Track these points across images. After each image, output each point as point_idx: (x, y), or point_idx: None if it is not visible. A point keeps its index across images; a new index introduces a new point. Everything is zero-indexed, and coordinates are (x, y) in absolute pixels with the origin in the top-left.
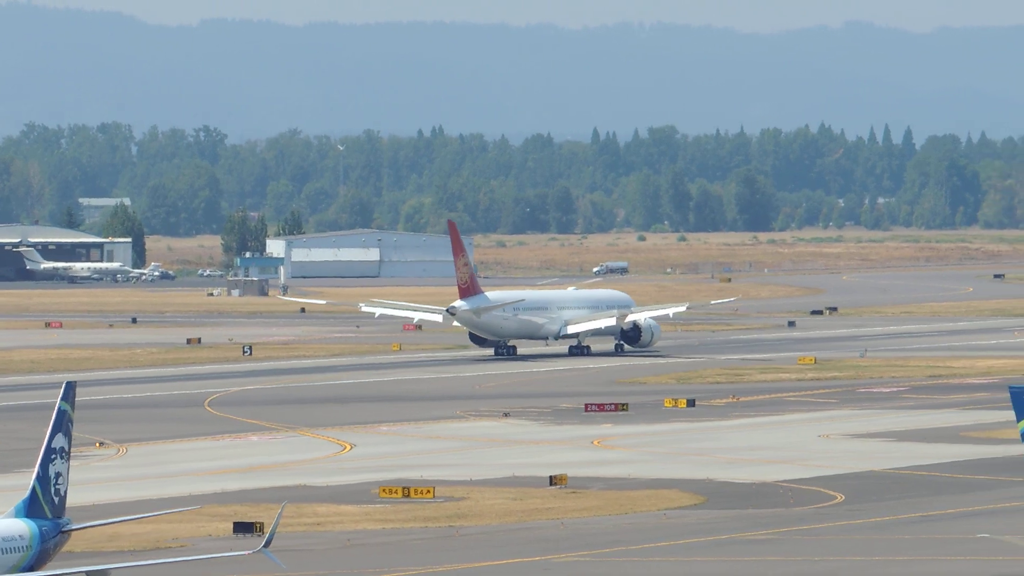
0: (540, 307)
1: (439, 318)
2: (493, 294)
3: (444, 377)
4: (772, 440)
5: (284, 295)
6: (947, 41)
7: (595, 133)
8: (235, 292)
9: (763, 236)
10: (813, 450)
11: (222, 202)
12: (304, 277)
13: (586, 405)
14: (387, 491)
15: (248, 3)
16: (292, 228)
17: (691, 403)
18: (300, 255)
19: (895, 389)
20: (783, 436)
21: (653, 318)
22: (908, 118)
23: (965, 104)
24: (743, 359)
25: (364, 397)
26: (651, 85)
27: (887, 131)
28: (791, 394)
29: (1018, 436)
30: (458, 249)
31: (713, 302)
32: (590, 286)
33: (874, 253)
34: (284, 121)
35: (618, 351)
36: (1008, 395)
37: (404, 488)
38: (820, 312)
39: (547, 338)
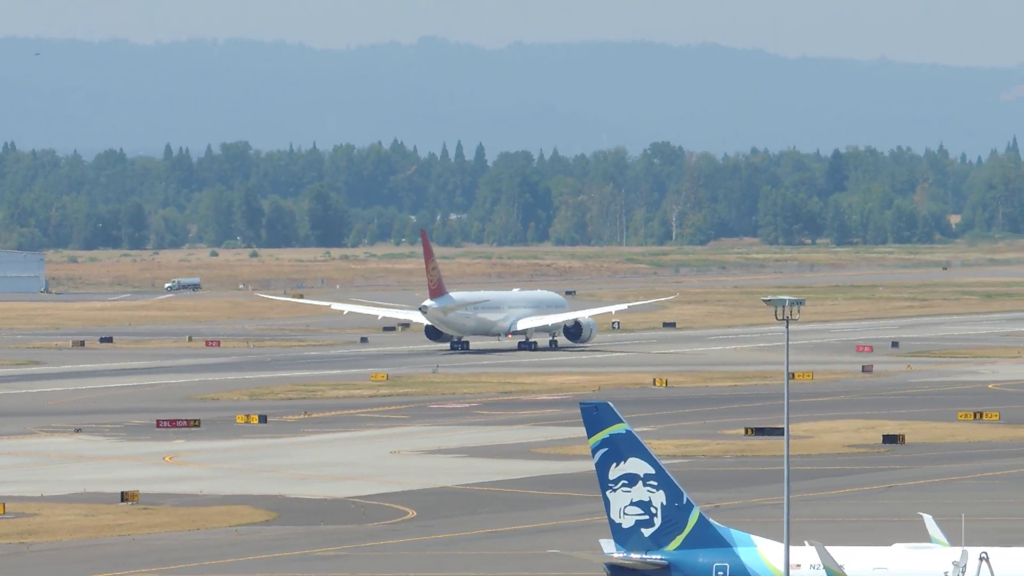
0: (495, 307)
1: (402, 315)
2: (458, 294)
3: (15, 393)
4: (344, 456)
5: None
6: (519, 57)
7: (168, 149)
8: None
9: (335, 252)
10: (385, 466)
11: None
12: None
13: (158, 421)
14: None
15: None
16: None
17: (263, 419)
18: None
19: (467, 405)
20: (355, 452)
21: (591, 316)
22: (481, 134)
23: (537, 120)
24: (315, 375)
25: None
26: (224, 101)
27: (460, 147)
28: (363, 410)
29: (589, 452)
30: (428, 255)
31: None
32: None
33: (446, 269)
34: None
35: (552, 347)
36: (579, 411)
37: None
38: (393, 328)
39: (500, 335)
